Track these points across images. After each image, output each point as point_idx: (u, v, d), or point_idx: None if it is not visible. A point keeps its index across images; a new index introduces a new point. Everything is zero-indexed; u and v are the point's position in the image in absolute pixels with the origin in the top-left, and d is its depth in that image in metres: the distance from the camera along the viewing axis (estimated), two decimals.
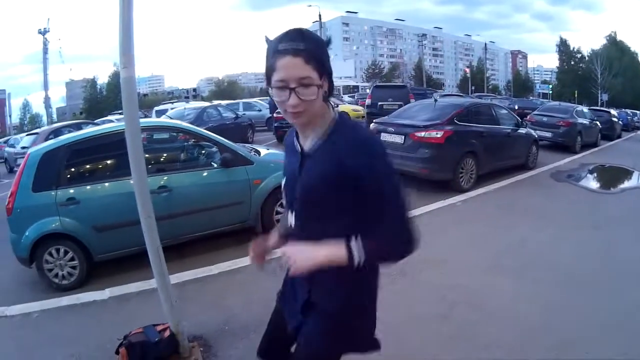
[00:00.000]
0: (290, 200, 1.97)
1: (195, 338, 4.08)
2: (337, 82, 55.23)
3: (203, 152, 7.02)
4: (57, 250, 5.59)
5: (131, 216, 5.09)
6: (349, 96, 42.01)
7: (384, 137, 10.11)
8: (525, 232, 6.96)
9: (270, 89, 1.77)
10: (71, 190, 5.63)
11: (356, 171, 1.72)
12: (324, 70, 1.75)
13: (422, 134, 9.40)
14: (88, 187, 5.79)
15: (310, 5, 68.49)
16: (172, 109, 22.11)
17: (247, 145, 8.74)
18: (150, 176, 5.51)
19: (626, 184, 12.07)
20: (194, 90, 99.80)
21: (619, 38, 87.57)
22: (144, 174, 3.54)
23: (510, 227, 7.24)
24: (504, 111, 12.44)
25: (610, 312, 4.43)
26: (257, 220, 6.77)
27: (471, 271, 5.48)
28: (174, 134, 7.31)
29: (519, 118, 12.98)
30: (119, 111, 38.75)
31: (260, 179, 6.66)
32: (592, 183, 11.83)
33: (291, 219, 1.97)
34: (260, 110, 27.21)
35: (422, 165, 9.33)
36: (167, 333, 3.76)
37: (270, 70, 1.74)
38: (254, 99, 35.11)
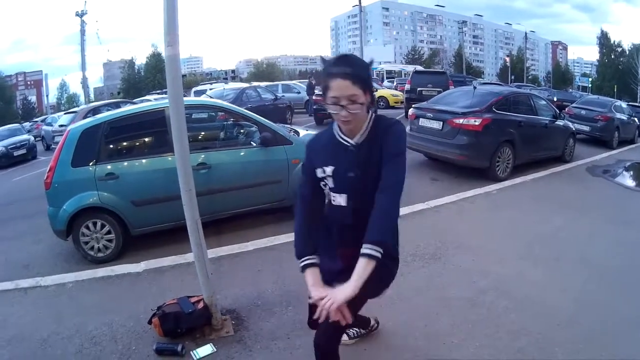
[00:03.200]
0: (338, 185, 2.43)
1: (228, 311, 4.16)
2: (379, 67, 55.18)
3: (242, 131, 7.08)
4: (94, 224, 5.72)
5: (169, 192, 5.22)
6: (388, 81, 41.53)
7: (422, 122, 10.17)
8: (558, 224, 6.88)
9: (325, 102, 2.28)
10: (110, 166, 5.75)
11: (384, 143, 2.30)
12: (367, 87, 2.24)
13: (461, 120, 9.33)
14: (127, 163, 5.90)
15: None
16: (210, 89, 22.25)
17: (286, 125, 8.79)
18: (190, 153, 5.68)
19: None
20: (233, 71, 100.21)
21: None
22: (187, 148, 3.60)
23: (544, 218, 7.16)
24: (543, 102, 12.19)
25: (638, 311, 4.37)
26: (295, 200, 6.71)
27: (503, 259, 5.46)
28: (215, 112, 7.41)
29: (557, 110, 12.75)
30: (157, 91, 39.14)
31: (299, 159, 6.46)
32: (628, 180, 11.54)
33: (340, 199, 2.45)
34: (299, 93, 26.82)
35: (459, 151, 9.28)
36: (200, 305, 3.85)
37: (325, 88, 2.24)
38: (293, 81, 34.93)
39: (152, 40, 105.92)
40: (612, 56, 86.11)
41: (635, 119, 19.40)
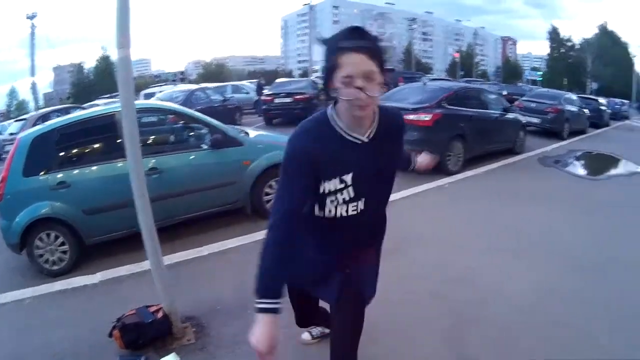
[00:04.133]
0: (359, 191, 2.14)
1: (188, 318, 4.11)
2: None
3: (193, 133, 7.02)
4: (48, 235, 5.56)
5: (121, 198, 5.18)
6: None
7: None
8: (512, 215, 7.10)
9: (330, 88, 1.95)
10: (62, 174, 5.59)
11: (401, 144, 2.31)
12: (383, 65, 1.89)
13: (411, 116, 9.40)
14: (78, 170, 5.74)
15: None
16: (160, 92, 22.05)
17: (236, 126, 8.76)
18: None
19: (612, 171, 12.31)
20: (182, 73, 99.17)
21: (610, 28, 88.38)
22: (139, 153, 3.52)
23: (497, 210, 7.38)
24: (493, 96, 12.57)
25: (602, 297, 4.54)
26: (247, 201, 6.81)
27: (462, 250, 5.61)
28: (165, 115, 7.33)
29: (507, 103, 13.07)
30: (107, 95, 38.41)
31: (250, 160, 6.67)
32: (578, 169, 12.02)
33: (358, 205, 2.17)
34: (248, 93, 27.11)
35: (411, 147, 9.00)
36: (160, 314, 3.79)
37: (332, 68, 1.88)
38: (242, 82, 34.96)
39: (103, 42, 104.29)
40: (562, 50, 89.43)
41: (586, 110, 20.26)
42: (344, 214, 2.17)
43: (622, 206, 8.12)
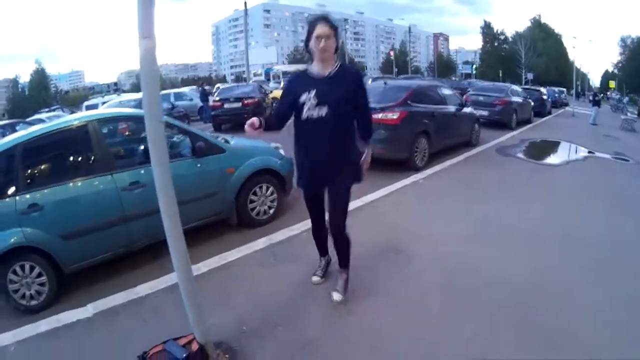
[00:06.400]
0: (321, 101, 3.70)
1: (217, 345, 3.56)
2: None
3: (170, 142, 6.22)
4: (22, 267, 4.79)
5: (101, 218, 4.92)
6: (274, 82, 40.68)
7: None
8: (489, 203, 7.42)
9: (309, 41, 3.76)
10: (31, 196, 4.90)
11: (357, 87, 3.87)
12: (337, 35, 3.74)
13: (379, 115, 9.44)
14: (50, 189, 5.04)
15: None
16: (103, 103, 21.50)
17: (214, 133, 8.39)
18: (120, 172, 5.33)
19: (568, 157, 12.86)
20: (115, 84, 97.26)
21: (543, 21, 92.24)
22: (166, 158, 3.17)
23: (474, 200, 7.64)
24: (450, 92, 12.80)
25: (584, 269, 5.10)
26: (232, 211, 6.45)
27: (454, 241, 5.73)
28: (138, 124, 6.30)
29: (462, 98, 13.37)
30: (45, 109, 37.23)
31: (234, 167, 6.30)
32: (537, 157, 12.56)
33: (322, 110, 3.72)
34: (192, 100, 26.42)
35: (380, 145, 9.10)
36: (194, 346, 3.32)
37: (311, 31, 3.70)
38: (185, 89, 34.35)
39: (36, 56, 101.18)
40: (496, 44, 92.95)
41: (530, 101, 21.34)
42: (313, 115, 3.74)
43: (582, 188, 8.95)
